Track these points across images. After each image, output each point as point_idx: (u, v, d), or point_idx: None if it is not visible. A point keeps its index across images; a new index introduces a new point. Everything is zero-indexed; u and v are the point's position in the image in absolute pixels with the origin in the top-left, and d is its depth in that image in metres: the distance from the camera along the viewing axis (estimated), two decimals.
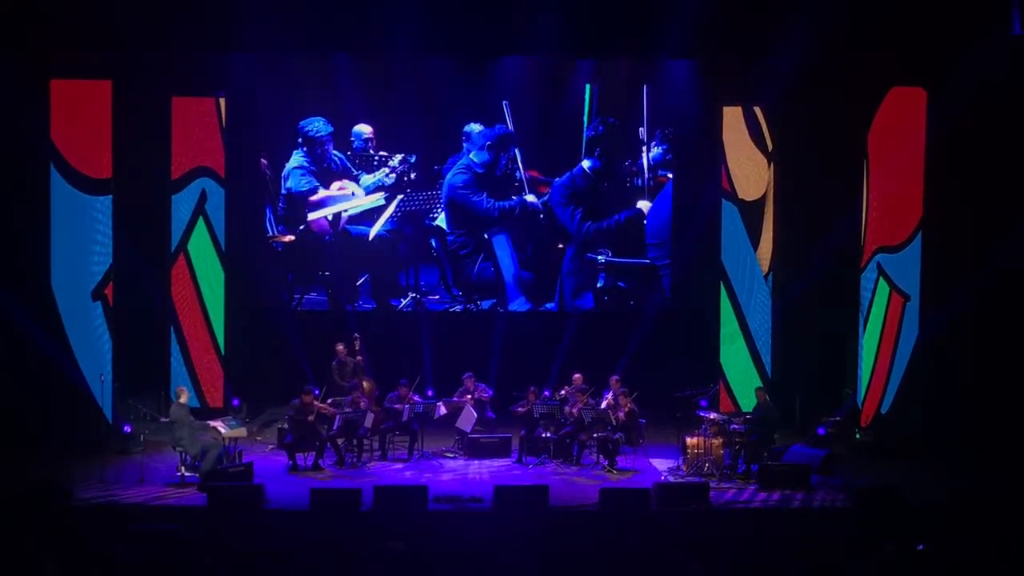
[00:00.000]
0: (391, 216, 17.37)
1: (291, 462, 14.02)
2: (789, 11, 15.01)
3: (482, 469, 14.31)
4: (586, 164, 17.36)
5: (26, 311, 14.98)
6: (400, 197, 17.37)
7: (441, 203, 17.41)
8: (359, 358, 15.86)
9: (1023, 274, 15.21)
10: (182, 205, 16.31)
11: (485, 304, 17.66)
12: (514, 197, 17.43)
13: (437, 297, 17.66)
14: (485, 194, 17.29)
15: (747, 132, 16.62)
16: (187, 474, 13.35)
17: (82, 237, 15.11)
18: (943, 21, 14.87)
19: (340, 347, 15.83)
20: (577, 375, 15.16)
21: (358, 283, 17.58)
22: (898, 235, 15.55)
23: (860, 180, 15.92)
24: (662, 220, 17.59)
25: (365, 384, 15.29)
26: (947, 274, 15.32)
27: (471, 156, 17.24)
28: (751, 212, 16.65)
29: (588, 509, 12.48)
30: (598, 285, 17.63)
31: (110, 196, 15.21)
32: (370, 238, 17.38)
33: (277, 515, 12.25)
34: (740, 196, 16.67)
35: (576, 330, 17.31)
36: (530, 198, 17.38)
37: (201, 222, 16.42)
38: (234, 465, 13.39)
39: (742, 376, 16.60)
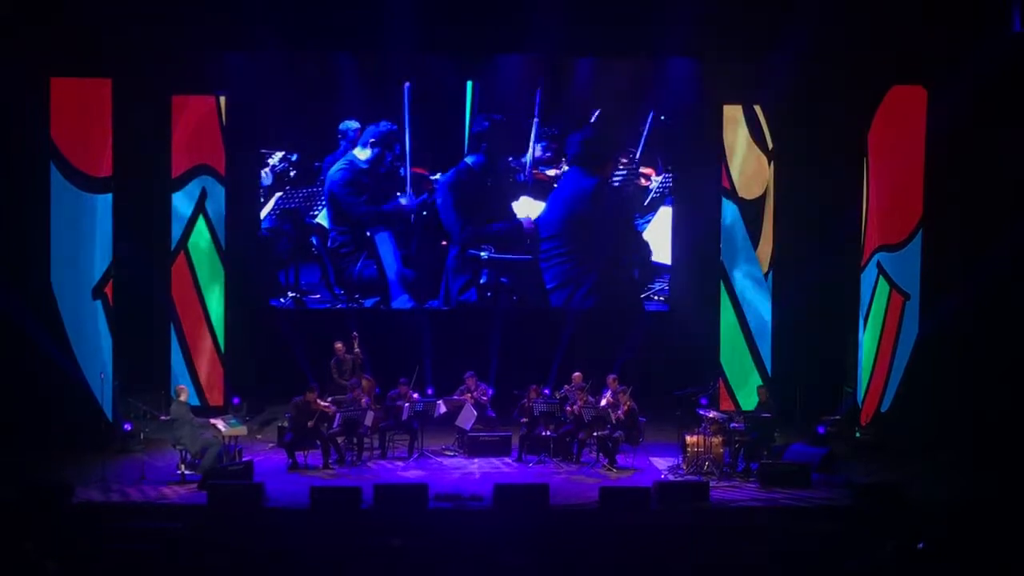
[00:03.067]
0: (269, 213, 17.20)
1: (291, 460, 14.04)
2: (789, 9, 15.00)
3: (482, 467, 14.32)
4: (470, 160, 17.24)
5: (26, 310, 14.97)
6: (279, 195, 17.15)
7: (323, 199, 17.21)
8: (358, 354, 15.87)
9: (1022, 273, 15.22)
10: (182, 203, 16.29)
11: (368, 303, 17.38)
12: (398, 194, 17.11)
13: (318, 296, 17.40)
14: (364, 197, 17.03)
15: (747, 130, 16.60)
16: (187, 472, 13.36)
17: (82, 236, 15.07)
18: (943, 19, 14.85)
19: (339, 345, 15.83)
20: (576, 373, 15.15)
21: None
22: (898, 234, 15.51)
23: (860, 178, 15.90)
24: (556, 215, 17.41)
25: (364, 382, 15.29)
26: (947, 273, 15.31)
27: (355, 153, 17.05)
28: (751, 210, 16.61)
29: (588, 508, 12.47)
30: (481, 281, 17.53)
31: (110, 194, 15.19)
32: None
33: (277, 513, 12.26)
34: (740, 194, 16.65)
35: (576, 329, 17.28)
36: (404, 201, 17.13)
37: (201, 220, 16.39)
38: (234, 463, 13.40)
39: (742, 374, 16.62)
